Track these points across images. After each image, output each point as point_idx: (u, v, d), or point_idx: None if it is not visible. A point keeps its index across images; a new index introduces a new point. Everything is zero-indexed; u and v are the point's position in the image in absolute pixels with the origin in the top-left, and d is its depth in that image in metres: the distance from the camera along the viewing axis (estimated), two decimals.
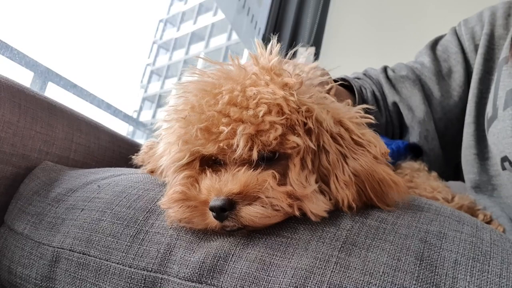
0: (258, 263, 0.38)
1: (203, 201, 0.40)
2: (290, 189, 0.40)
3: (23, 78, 1.17)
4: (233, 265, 0.38)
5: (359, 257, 0.37)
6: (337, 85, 0.73)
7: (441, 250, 0.37)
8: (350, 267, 0.36)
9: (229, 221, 0.39)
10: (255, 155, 0.40)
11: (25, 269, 0.49)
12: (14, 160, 0.61)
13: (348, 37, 1.94)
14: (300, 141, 0.41)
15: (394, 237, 0.38)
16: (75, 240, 0.47)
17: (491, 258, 0.37)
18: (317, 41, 1.92)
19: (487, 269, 0.35)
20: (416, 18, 1.81)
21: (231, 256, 0.39)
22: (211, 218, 0.39)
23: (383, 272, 0.35)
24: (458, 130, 0.81)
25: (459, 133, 0.80)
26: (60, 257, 0.47)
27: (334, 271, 0.36)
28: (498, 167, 0.69)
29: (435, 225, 0.40)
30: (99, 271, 0.44)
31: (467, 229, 0.40)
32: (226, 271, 0.38)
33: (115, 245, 0.44)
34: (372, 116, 0.47)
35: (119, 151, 0.82)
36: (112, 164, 0.78)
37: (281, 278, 0.36)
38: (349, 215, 0.41)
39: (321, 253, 0.38)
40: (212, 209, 0.39)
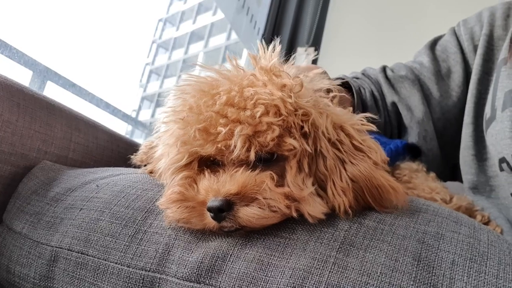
0: (256, 263, 0.38)
1: (201, 202, 0.40)
2: (287, 190, 0.40)
3: (22, 77, 1.17)
4: (231, 265, 0.39)
5: (357, 257, 0.37)
6: (337, 86, 0.73)
7: (439, 250, 0.37)
8: (348, 268, 0.36)
9: (227, 221, 0.39)
10: (252, 156, 0.40)
11: (23, 268, 0.49)
12: (12, 159, 0.61)
13: (347, 37, 1.94)
14: (296, 143, 0.41)
15: (391, 237, 0.38)
16: (74, 239, 0.47)
17: (488, 259, 0.37)
18: (316, 41, 1.92)
19: (484, 270, 0.36)
20: (416, 18, 1.81)
21: (229, 256, 0.39)
22: (209, 218, 0.39)
23: (380, 272, 0.35)
24: (456, 130, 0.81)
25: (458, 134, 0.80)
26: (58, 257, 0.47)
27: (332, 272, 0.36)
28: (496, 168, 0.69)
29: (432, 226, 0.40)
30: (97, 271, 0.44)
31: (465, 230, 0.40)
32: (224, 271, 0.39)
33: (114, 244, 0.44)
34: (373, 123, 0.47)
35: (118, 151, 0.82)
36: (110, 163, 0.78)
37: (279, 278, 0.37)
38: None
39: (319, 253, 0.38)
40: (210, 210, 0.39)
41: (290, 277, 0.36)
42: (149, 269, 0.42)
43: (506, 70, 0.69)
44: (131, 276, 0.42)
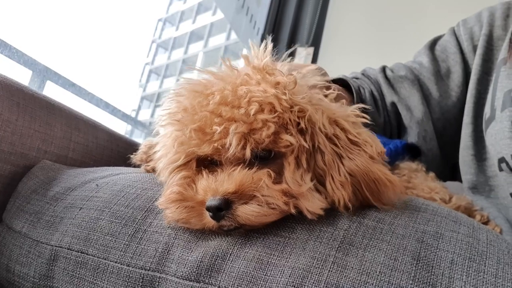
0: (256, 262, 0.38)
1: (199, 202, 0.40)
2: (285, 187, 0.40)
3: (22, 76, 1.17)
4: (231, 264, 0.39)
5: (356, 256, 0.37)
6: (336, 86, 0.73)
7: (438, 250, 0.37)
8: (347, 267, 0.36)
9: (225, 220, 0.39)
10: (248, 153, 0.40)
11: (23, 268, 0.49)
12: (12, 158, 0.61)
13: (347, 37, 1.94)
14: (293, 139, 0.41)
15: (391, 237, 0.39)
16: (73, 238, 0.47)
17: (487, 258, 0.37)
18: (316, 41, 1.92)
19: (483, 269, 0.36)
20: (416, 18, 1.81)
21: (229, 255, 0.39)
22: (208, 218, 0.39)
23: (380, 271, 0.35)
24: (456, 130, 0.81)
25: (457, 134, 0.80)
26: (58, 256, 0.47)
27: (331, 271, 0.36)
28: (495, 168, 0.69)
29: (432, 226, 0.40)
30: (97, 270, 0.44)
31: (464, 229, 0.40)
32: (224, 270, 0.39)
33: (113, 244, 0.44)
34: (368, 115, 0.47)
35: (118, 150, 0.82)
36: (110, 163, 0.78)
37: (279, 277, 0.37)
38: (346, 215, 0.41)
39: (318, 252, 0.38)
40: (208, 209, 0.39)
41: (289, 276, 0.36)
42: (148, 268, 0.42)
43: (505, 70, 0.69)
44: (131, 275, 0.42)
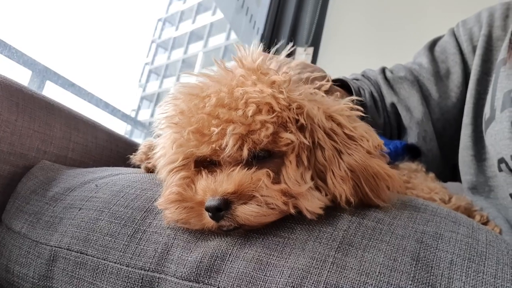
0: (255, 263, 0.38)
1: (199, 202, 0.40)
2: (284, 187, 0.40)
3: (21, 76, 1.17)
4: (230, 265, 0.39)
5: (355, 257, 0.37)
6: (335, 87, 0.73)
7: (437, 250, 0.37)
8: (346, 267, 0.36)
9: (225, 220, 0.39)
10: (245, 154, 0.40)
11: (22, 268, 0.49)
12: (12, 159, 0.61)
13: (347, 37, 1.94)
14: (293, 137, 0.41)
15: (390, 237, 0.39)
16: (73, 239, 0.47)
17: (487, 258, 0.37)
18: (315, 41, 1.92)
19: (482, 269, 0.36)
20: (416, 18, 1.81)
21: (228, 255, 0.39)
22: (207, 218, 0.39)
23: (379, 272, 0.35)
24: (455, 131, 0.81)
25: (457, 134, 0.80)
26: (57, 256, 0.47)
27: (330, 271, 0.36)
28: (495, 169, 0.69)
29: (431, 226, 0.40)
30: (96, 270, 0.44)
31: (463, 230, 0.40)
32: (223, 271, 0.39)
33: (113, 244, 0.44)
34: (368, 115, 0.47)
35: (117, 150, 0.82)
36: (109, 163, 0.78)
37: (278, 277, 0.37)
38: (346, 216, 0.41)
39: (318, 253, 0.38)
40: (208, 210, 0.39)
41: (289, 277, 0.36)
42: (148, 268, 0.42)
43: (505, 70, 0.69)
44: (130, 275, 0.42)
